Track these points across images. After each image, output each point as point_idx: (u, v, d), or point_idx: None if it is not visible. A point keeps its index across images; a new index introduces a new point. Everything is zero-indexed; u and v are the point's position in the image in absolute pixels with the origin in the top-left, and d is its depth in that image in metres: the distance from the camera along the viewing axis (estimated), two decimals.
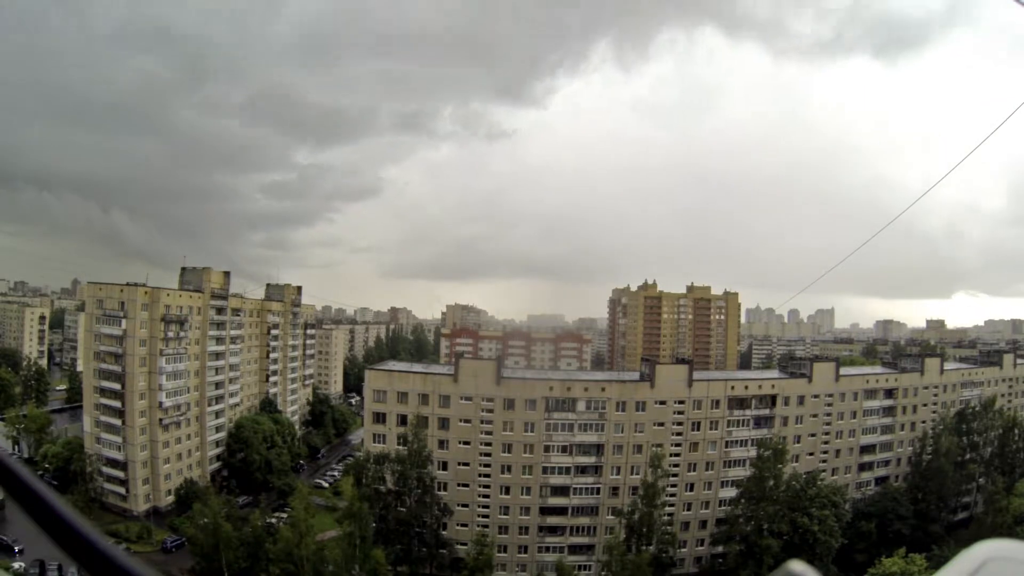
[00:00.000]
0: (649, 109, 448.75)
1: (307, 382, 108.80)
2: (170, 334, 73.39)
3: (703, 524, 65.50)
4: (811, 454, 69.76)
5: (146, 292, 72.45)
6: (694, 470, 65.51)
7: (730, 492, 63.85)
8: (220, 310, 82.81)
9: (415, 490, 58.75)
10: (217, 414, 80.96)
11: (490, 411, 62.97)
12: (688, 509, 65.33)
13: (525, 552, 63.15)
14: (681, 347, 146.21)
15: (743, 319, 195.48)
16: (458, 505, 61.98)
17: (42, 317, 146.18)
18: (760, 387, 68.63)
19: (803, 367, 73.74)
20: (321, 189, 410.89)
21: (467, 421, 62.93)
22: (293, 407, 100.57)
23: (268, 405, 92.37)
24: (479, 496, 62.90)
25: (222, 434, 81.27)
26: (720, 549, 61.63)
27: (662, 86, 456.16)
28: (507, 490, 62.91)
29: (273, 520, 63.87)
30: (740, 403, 66.91)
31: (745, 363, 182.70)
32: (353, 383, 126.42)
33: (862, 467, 72.97)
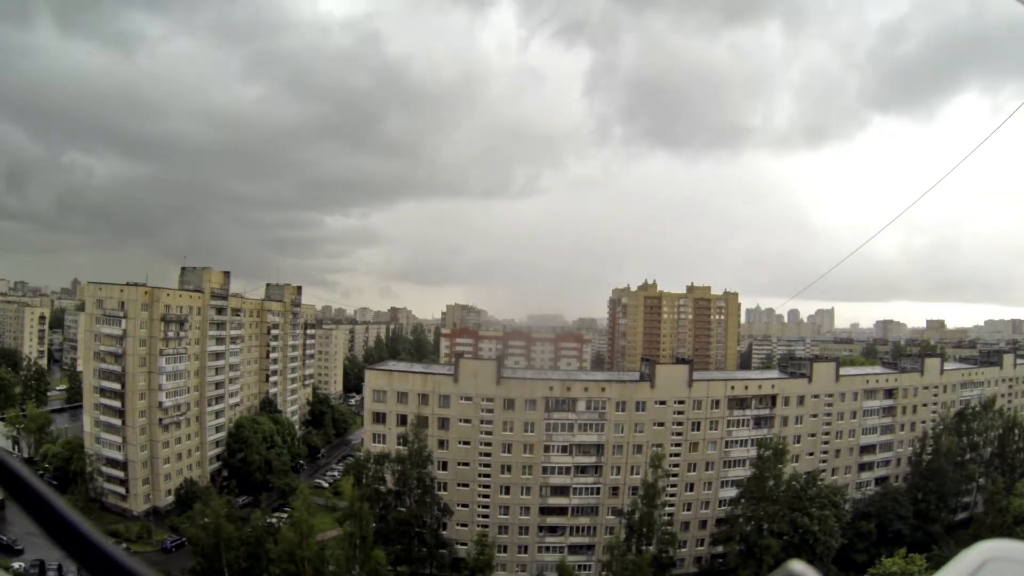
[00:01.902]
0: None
1: (307, 382, 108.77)
2: (170, 334, 73.39)
3: (703, 524, 65.49)
4: (811, 454, 69.77)
5: (146, 292, 72.42)
6: (694, 470, 65.50)
7: (730, 492, 63.87)
8: (220, 310, 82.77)
9: (415, 490, 58.76)
10: (217, 414, 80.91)
11: (490, 411, 62.97)
12: (688, 509, 65.32)
13: (525, 552, 63.15)
14: (681, 347, 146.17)
15: (743, 319, 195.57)
16: (458, 505, 61.99)
17: (42, 317, 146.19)
18: (760, 387, 68.63)
19: (803, 367, 73.72)
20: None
21: (467, 421, 62.93)
22: (293, 407, 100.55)
23: (268, 405, 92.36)
24: (479, 496, 62.90)
25: (222, 434, 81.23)
26: (720, 549, 61.65)
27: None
28: (507, 490, 62.91)
29: (273, 520, 63.88)
30: (740, 403, 66.91)
31: (745, 363, 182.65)
32: (353, 383, 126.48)
33: (862, 467, 72.96)
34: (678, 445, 64.84)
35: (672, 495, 63.35)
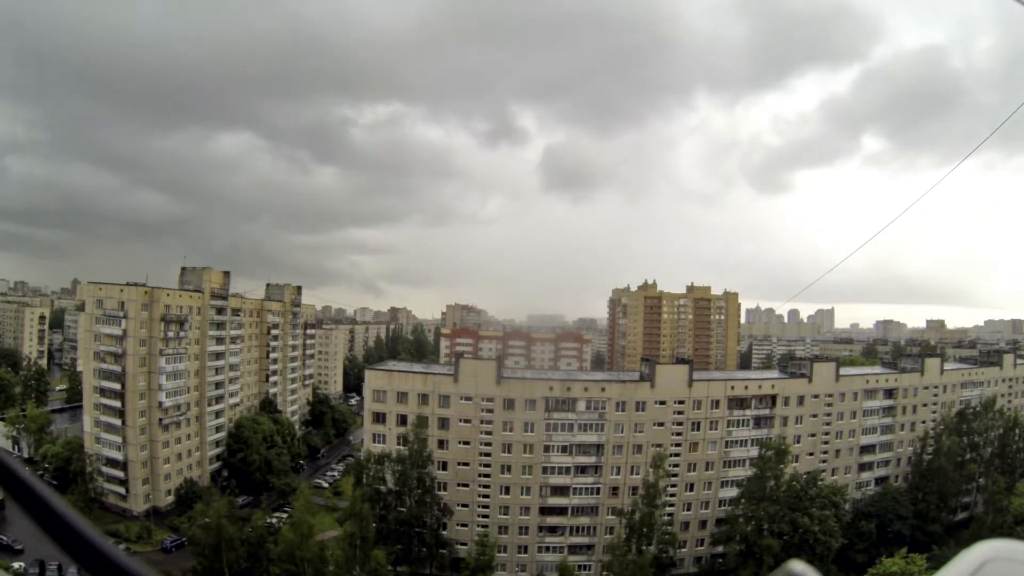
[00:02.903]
0: None
1: (307, 382, 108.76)
2: (170, 334, 73.39)
3: (703, 524, 65.50)
4: (811, 454, 69.76)
5: (146, 292, 72.43)
6: (694, 470, 65.50)
7: (730, 492, 63.87)
8: (220, 310, 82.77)
9: (415, 490, 58.77)
10: (217, 414, 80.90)
11: (490, 411, 62.97)
12: (688, 509, 65.33)
13: (525, 552, 63.15)
14: (681, 347, 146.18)
15: (743, 319, 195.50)
16: (458, 505, 61.99)
17: (42, 317, 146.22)
18: (760, 387, 68.63)
19: (803, 367, 73.72)
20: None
21: (467, 421, 62.93)
22: (293, 407, 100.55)
23: (268, 405, 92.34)
24: (479, 496, 62.91)
25: (222, 434, 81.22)
26: (720, 549, 61.64)
27: None
28: (507, 490, 62.92)
29: (273, 520, 63.81)
30: (740, 403, 66.91)
31: (745, 363, 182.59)
32: (353, 383, 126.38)
33: (862, 467, 72.96)
34: (678, 445, 64.83)
35: (672, 495, 63.34)
